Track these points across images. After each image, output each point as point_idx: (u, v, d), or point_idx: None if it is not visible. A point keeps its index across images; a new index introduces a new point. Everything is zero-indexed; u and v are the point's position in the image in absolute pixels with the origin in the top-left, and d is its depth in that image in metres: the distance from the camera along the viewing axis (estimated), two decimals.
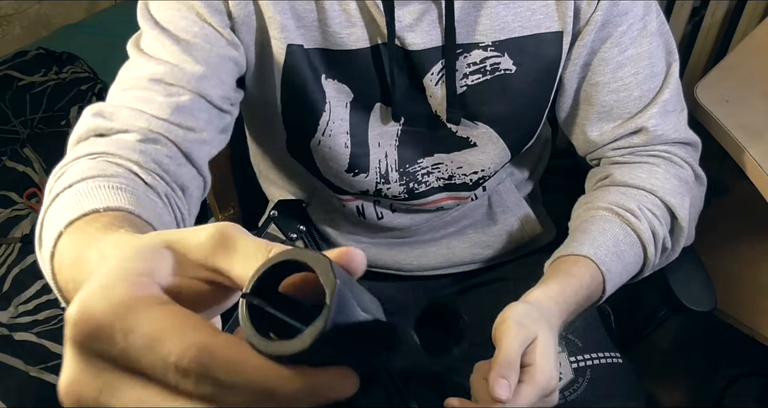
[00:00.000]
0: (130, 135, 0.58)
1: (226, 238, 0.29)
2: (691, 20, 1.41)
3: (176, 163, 0.60)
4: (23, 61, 2.23)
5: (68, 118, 2.07)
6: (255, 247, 0.29)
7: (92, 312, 0.26)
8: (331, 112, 0.73)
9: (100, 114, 0.60)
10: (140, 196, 0.50)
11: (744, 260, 1.28)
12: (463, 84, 0.72)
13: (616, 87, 0.75)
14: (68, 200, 0.48)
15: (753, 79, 1.07)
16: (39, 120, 2.08)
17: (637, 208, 0.73)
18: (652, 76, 0.75)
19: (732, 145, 0.99)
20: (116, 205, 0.45)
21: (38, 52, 2.25)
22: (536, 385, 0.57)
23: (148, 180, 0.55)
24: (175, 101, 0.61)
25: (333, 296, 0.25)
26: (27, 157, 1.98)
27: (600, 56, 0.73)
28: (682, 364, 1.52)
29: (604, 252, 0.70)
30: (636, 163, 0.78)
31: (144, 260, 0.29)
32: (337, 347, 0.26)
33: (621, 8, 0.70)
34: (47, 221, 0.49)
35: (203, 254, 0.30)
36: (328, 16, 0.67)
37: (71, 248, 0.41)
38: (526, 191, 0.94)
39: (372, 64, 0.71)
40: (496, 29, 0.70)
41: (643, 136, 0.76)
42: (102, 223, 0.42)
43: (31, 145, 2.01)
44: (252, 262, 0.28)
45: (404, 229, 0.87)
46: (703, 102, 1.02)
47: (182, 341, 0.25)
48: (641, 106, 0.76)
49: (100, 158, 0.55)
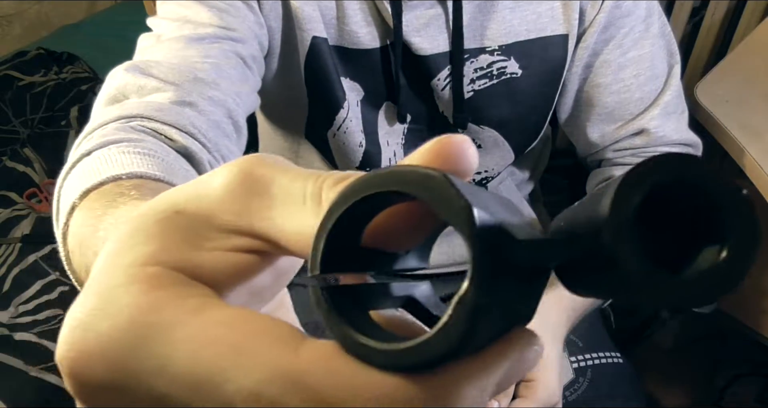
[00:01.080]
0: (167, 94, 0.51)
1: (253, 182, 0.19)
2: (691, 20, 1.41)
3: (222, 132, 0.53)
4: (23, 61, 2.23)
5: (68, 118, 2.07)
6: (301, 187, 0.19)
7: (90, 355, 0.17)
8: (349, 110, 0.74)
9: (137, 68, 0.53)
10: (171, 163, 0.42)
11: None
12: (470, 89, 0.73)
13: (618, 88, 0.75)
14: (87, 167, 0.40)
15: (753, 79, 1.07)
16: (39, 120, 2.08)
17: None
18: (653, 77, 0.75)
19: (732, 145, 0.99)
20: (141, 171, 0.37)
21: (38, 52, 2.25)
22: (537, 400, 0.56)
23: (189, 145, 0.48)
24: (216, 61, 0.55)
25: (476, 250, 0.15)
26: (27, 157, 1.98)
27: (602, 58, 0.73)
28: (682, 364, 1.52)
29: None
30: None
31: (146, 241, 0.19)
32: (496, 319, 0.16)
33: (624, 10, 0.71)
34: (62, 196, 0.40)
35: (227, 214, 0.19)
36: (346, 14, 0.68)
37: (81, 226, 0.34)
38: (527, 191, 0.94)
39: (381, 64, 0.71)
40: (503, 33, 0.70)
41: (645, 137, 0.76)
42: (117, 192, 0.33)
43: (31, 145, 2.01)
44: (301, 212, 0.18)
45: None
46: (703, 102, 1.02)
47: (249, 373, 0.15)
48: (642, 107, 0.76)
49: (133, 121, 0.47)
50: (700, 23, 1.40)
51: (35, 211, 1.85)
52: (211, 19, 0.58)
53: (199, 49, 0.55)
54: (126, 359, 0.16)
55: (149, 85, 0.51)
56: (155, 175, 0.36)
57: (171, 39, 0.56)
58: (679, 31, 1.41)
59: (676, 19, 1.39)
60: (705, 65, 1.44)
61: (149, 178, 0.36)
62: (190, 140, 0.47)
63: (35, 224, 1.82)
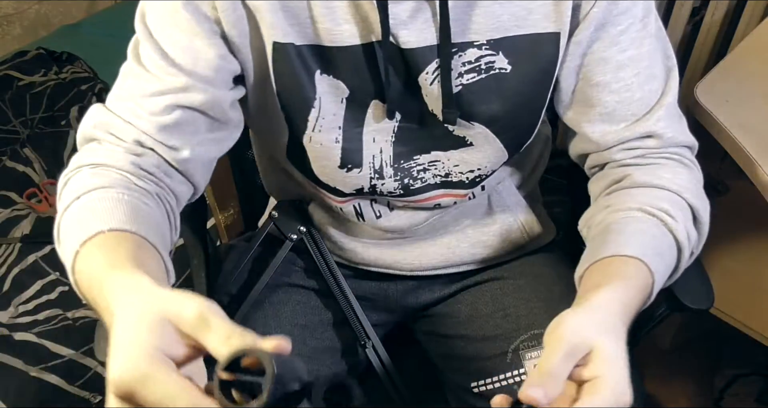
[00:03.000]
0: (122, 146, 0.67)
1: (205, 318, 0.44)
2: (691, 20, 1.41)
3: (163, 172, 0.69)
4: (23, 61, 2.23)
5: (68, 118, 2.07)
6: (225, 332, 0.43)
7: (126, 380, 0.42)
8: (321, 108, 0.74)
9: (99, 124, 0.69)
10: (136, 204, 0.61)
11: (743, 260, 1.28)
12: (458, 83, 0.72)
13: (618, 87, 0.74)
14: (78, 215, 0.60)
15: (753, 79, 1.07)
16: (39, 120, 2.08)
17: (670, 208, 0.69)
18: (652, 77, 0.75)
19: (732, 145, 0.99)
20: (117, 227, 0.57)
21: (38, 52, 2.25)
22: (604, 399, 0.49)
23: (140, 184, 0.65)
24: (160, 120, 0.67)
25: (272, 379, 0.39)
26: (27, 157, 1.98)
27: (599, 56, 0.73)
28: (682, 364, 1.52)
29: (651, 252, 0.65)
30: (655, 164, 0.75)
31: (154, 335, 0.44)
32: (281, 400, 0.41)
33: (621, 8, 0.70)
34: (64, 231, 0.61)
35: (190, 328, 0.44)
36: (321, 13, 0.68)
37: (86, 271, 0.55)
38: (526, 191, 0.94)
39: (366, 61, 0.71)
40: (491, 28, 0.69)
41: (657, 139, 0.75)
42: (107, 248, 0.55)
43: (31, 145, 2.01)
44: (221, 341, 0.43)
45: (404, 228, 0.87)
46: (703, 102, 1.03)
47: (187, 403, 0.40)
48: (645, 108, 0.75)
49: (98, 168, 0.66)
50: (700, 23, 1.40)
51: (35, 211, 1.85)
52: (163, 70, 0.68)
53: (148, 105, 0.68)
54: (140, 387, 0.41)
55: (107, 140, 0.68)
56: (126, 229, 0.57)
57: (132, 88, 0.69)
58: (679, 31, 1.42)
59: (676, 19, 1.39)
60: (705, 65, 1.44)
61: (123, 232, 0.57)
62: (143, 181, 0.67)
63: (35, 224, 1.82)
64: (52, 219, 0.63)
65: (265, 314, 0.90)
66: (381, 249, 0.90)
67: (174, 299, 0.45)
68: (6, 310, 1.64)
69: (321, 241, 0.91)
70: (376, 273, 0.93)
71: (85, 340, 1.56)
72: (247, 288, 0.91)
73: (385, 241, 0.90)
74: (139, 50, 0.69)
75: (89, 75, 2.19)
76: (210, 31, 0.67)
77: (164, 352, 0.43)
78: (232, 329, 0.43)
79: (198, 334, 0.43)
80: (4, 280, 1.70)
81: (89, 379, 1.51)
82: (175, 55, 0.67)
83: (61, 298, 1.66)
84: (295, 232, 0.90)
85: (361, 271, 0.94)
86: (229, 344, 0.42)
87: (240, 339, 0.42)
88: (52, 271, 1.71)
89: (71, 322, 1.61)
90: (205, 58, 0.67)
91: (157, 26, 0.67)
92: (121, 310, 0.47)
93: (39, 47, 2.27)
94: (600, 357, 0.52)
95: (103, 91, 2.13)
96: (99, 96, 2.12)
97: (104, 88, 2.15)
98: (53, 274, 1.70)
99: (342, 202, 0.84)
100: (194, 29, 0.66)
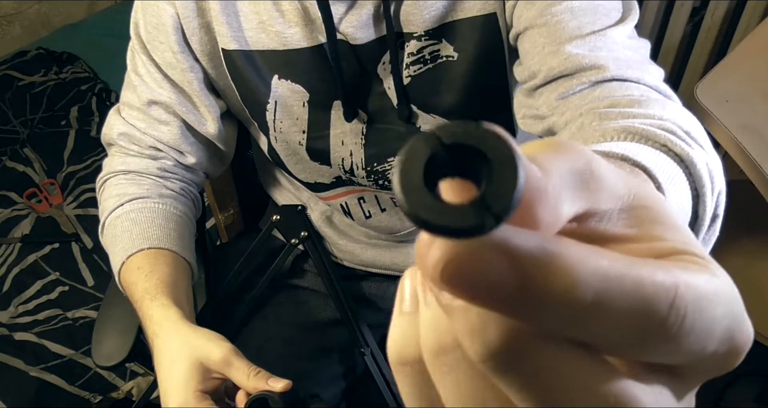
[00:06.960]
0: (145, 153, 0.80)
1: (229, 361, 0.62)
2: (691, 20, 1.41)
3: (182, 169, 0.82)
4: (23, 61, 2.23)
5: (68, 118, 2.07)
6: (245, 370, 0.62)
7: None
8: (276, 111, 0.75)
9: (121, 136, 0.80)
10: (169, 214, 0.77)
11: (743, 260, 1.28)
12: (407, 74, 0.72)
13: (546, 20, 0.61)
14: (122, 225, 0.75)
15: (753, 79, 1.07)
16: (39, 120, 2.08)
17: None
18: (592, 10, 0.60)
19: (732, 145, 0.99)
20: (156, 246, 0.72)
21: (38, 52, 2.25)
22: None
23: (168, 185, 0.80)
24: (167, 129, 0.78)
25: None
26: (27, 157, 1.98)
27: (521, 4, 0.64)
28: None
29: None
30: (637, 100, 0.56)
31: (194, 380, 0.62)
32: None
33: None
34: (110, 235, 0.76)
35: (218, 368, 0.62)
36: (271, 16, 0.69)
37: (128, 288, 0.71)
38: None
39: (321, 62, 0.71)
40: (426, 18, 0.68)
41: (597, 71, 0.58)
42: (145, 270, 0.70)
43: (31, 145, 2.01)
44: (245, 377, 0.61)
45: (396, 229, 0.87)
46: (703, 102, 1.02)
47: None
48: (583, 32, 0.60)
49: (131, 175, 0.79)
50: (700, 23, 1.40)
51: (35, 211, 1.85)
52: (156, 84, 0.77)
53: (156, 117, 0.78)
54: None
55: (133, 149, 0.80)
56: (162, 247, 0.73)
57: (138, 99, 0.78)
58: (679, 31, 1.42)
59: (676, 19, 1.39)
60: (705, 65, 1.44)
61: (160, 249, 0.72)
62: (170, 181, 0.82)
63: (35, 224, 1.82)
64: (52, 219, 0.69)
65: (264, 315, 0.90)
66: (379, 250, 0.90)
67: (203, 346, 0.63)
68: (6, 310, 1.64)
69: (321, 246, 0.91)
70: (376, 274, 0.93)
71: (85, 340, 1.56)
72: (247, 288, 0.91)
73: (383, 243, 0.90)
74: (136, 60, 0.77)
75: (89, 75, 2.19)
76: (178, 43, 0.73)
77: (202, 390, 0.62)
78: (250, 367, 0.62)
79: (225, 372, 0.62)
80: (4, 280, 1.70)
81: (89, 379, 1.50)
82: (166, 70, 0.74)
83: (61, 298, 1.65)
84: (297, 238, 0.90)
85: (361, 272, 0.94)
86: (251, 379, 0.61)
87: (255, 380, 0.61)
88: (52, 271, 1.71)
89: (71, 322, 1.61)
90: (179, 71, 0.74)
91: (148, 39, 0.74)
92: (160, 349, 0.65)
93: (39, 47, 2.27)
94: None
95: (102, 91, 2.13)
96: (99, 96, 2.12)
97: (104, 88, 2.14)
98: (53, 274, 1.70)
99: (328, 198, 0.85)
100: (173, 47, 0.73)
